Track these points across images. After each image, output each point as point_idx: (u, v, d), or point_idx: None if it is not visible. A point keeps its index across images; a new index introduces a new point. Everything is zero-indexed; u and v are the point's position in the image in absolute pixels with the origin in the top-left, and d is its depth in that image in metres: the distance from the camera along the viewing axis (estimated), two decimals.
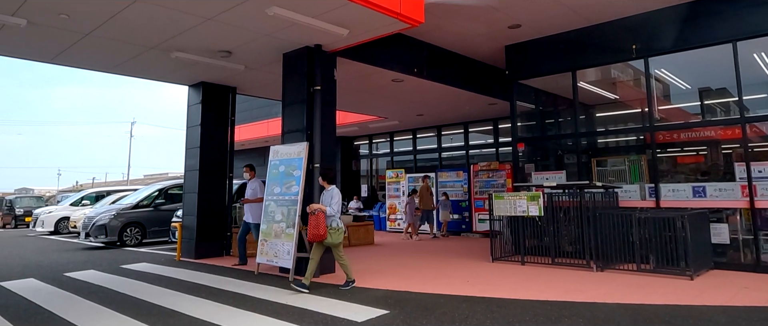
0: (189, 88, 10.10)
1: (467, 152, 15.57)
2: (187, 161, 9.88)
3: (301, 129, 7.48)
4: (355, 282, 6.42)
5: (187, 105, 10.08)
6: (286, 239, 6.97)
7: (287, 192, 7.19)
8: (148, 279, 7.29)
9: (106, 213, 12.27)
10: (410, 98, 11.80)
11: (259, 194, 8.36)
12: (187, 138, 9.96)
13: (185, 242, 9.43)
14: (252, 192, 8.56)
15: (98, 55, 7.85)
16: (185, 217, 9.66)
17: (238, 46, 7.64)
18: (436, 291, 6.00)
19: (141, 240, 12.39)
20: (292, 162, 7.30)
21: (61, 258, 10.27)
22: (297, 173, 7.14)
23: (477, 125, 15.41)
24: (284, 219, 7.10)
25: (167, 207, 12.89)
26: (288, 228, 6.99)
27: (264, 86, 10.13)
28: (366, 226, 11.80)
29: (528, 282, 6.53)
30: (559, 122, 10.73)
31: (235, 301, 5.70)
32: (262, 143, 19.84)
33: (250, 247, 8.60)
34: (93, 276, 7.66)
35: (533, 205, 7.89)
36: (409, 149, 17.14)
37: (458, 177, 14.11)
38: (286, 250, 6.91)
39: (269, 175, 7.64)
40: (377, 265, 8.26)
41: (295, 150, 7.34)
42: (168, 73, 9.14)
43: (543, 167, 10.12)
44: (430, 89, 10.69)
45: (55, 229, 17.23)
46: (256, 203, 8.34)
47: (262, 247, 7.31)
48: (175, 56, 7.81)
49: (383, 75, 9.51)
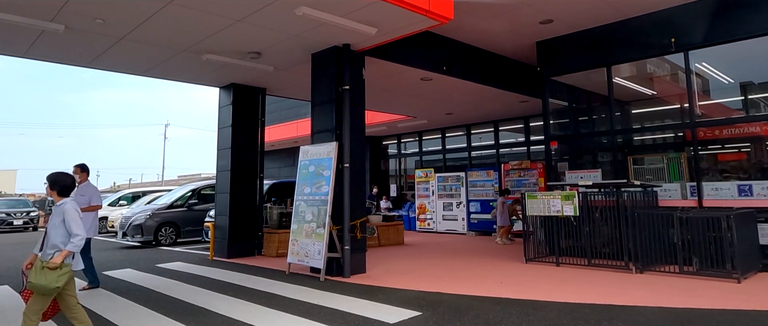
0: (220, 90, 10.24)
1: (497, 150, 15.33)
2: (218, 162, 10.02)
3: (330, 129, 7.47)
4: (385, 282, 6.36)
5: (218, 106, 10.23)
6: (317, 239, 6.97)
7: (317, 192, 7.19)
8: (182, 278, 7.41)
9: (141, 213, 12.58)
10: (439, 97, 11.68)
11: (94, 202, 6.69)
12: (219, 139, 10.11)
13: (218, 242, 9.57)
14: (86, 200, 6.59)
15: (132, 59, 8.03)
16: (217, 217, 9.81)
17: (268, 47, 7.69)
18: (469, 293, 5.89)
19: (175, 240, 12.66)
20: (321, 162, 7.30)
21: (100, 256, 10.57)
22: (327, 173, 7.13)
23: (507, 124, 15.15)
24: (314, 219, 7.10)
25: (200, 207, 13.12)
26: (318, 228, 6.99)
27: (293, 86, 10.19)
28: (396, 226, 11.75)
29: (564, 283, 6.34)
30: (593, 120, 10.43)
31: (267, 301, 5.73)
32: (291, 144, 20.02)
33: (282, 247, 8.66)
34: (130, 275, 7.84)
35: (568, 205, 7.67)
36: (438, 148, 16.99)
37: (489, 176, 13.89)
38: (317, 250, 6.91)
39: (299, 175, 7.66)
40: (408, 265, 8.19)
41: (324, 150, 7.34)
42: (199, 76, 9.29)
43: (577, 165, 9.84)
44: (459, 87, 10.55)
45: None
46: (89, 212, 6.55)
47: (293, 247, 7.33)
48: (206, 58, 7.92)
49: (411, 74, 9.42)
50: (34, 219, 20.93)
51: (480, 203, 13.91)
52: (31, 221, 20.82)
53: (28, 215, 20.85)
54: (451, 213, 14.56)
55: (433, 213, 14.87)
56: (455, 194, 14.55)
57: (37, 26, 6.26)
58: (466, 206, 14.22)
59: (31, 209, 21.37)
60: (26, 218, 20.78)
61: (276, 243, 9.43)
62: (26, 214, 20.86)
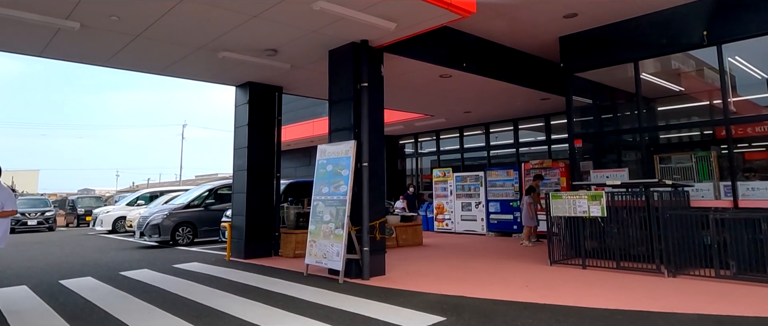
0: (236, 88, 10.14)
1: (517, 150, 15.01)
2: (235, 161, 9.92)
3: (348, 127, 7.29)
4: (405, 285, 6.16)
5: (234, 105, 10.13)
6: (335, 241, 6.80)
7: (335, 192, 7.02)
8: (199, 279, 7.30)
9: (158, 213, 12.57)
10: (458, 95, 11.43)
11: (7, 207, 5.86)
12: (235, 138, 10.01)
13: (234, 242, 9.47)
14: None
15: (148, 57, 7.96)
16: (234, 217, 9.70)
17: (284, 44, 7.54)
18: (494, 297, 5.65)
19: (192, 239, 12.62)
20: (339, 161, 7.13)
21: (117, 256, 10.56)
22: (345, 172, 6.96)
23: (527, 122, 14.82)
24: (333, 220, 6.93)
25: (217, 207, 13.07)
26: (337, 229, 6.81)
27: (310, 85, 10.04)
28: (414, 226, 11.53)
29: (593, 287, 6.06)
30: (618, 117, 10.10)
31: (284, 304, 5.57)
32: (307, 143, 19.93)
33: (299, 247, 8.51)
34: (147, 276, 7.76)
35: (595, 205, 7.38)
36: (456, 147, 16.72)
37: (508, 176, 13.59)
38: (336, 251, 6.74)
39: (317, 175, 7.50)
40: (429, 267, 7.97)
41: (342, 149, 7.16)
42: (216, 74, 9.19)
43: (601, 164, 9.52)
44: (479, 84, 10.29)
45: (113, 228, 17.92)
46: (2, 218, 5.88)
47: (311, 248, 7.17)
48: (222, 56, 7.80)
49: (430, 71, 9.20)
50: (49, 219, 20.59)
51: (500, 203, 13.62)
52: (46, 221, 20.46)
53: (43, 215, 20.50)
54: (470, 213, 14.29)
55: (451, 213, 14.62)
56: (474, 194, 14.28)
57: (53, 24, 6.19)
58: (485, 207, 13.93)
59: (47, 208, 21.05)
60: (41, 218, 20.43)
61: (293, 244, 9.29)
62: (41, 214, 20.51)
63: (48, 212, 20.84)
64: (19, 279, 7.78)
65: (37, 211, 20.61)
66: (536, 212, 10.90)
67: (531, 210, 10.90)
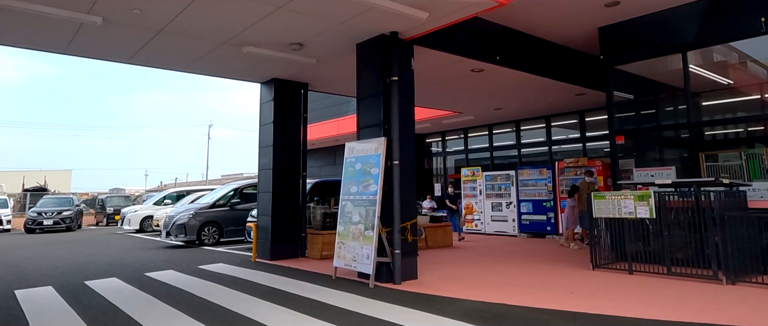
0: (261, 85, 9.92)
1: (550, 147, 14.43)
2: (260, 160, 9.70)
3: (377, 124, 6.95)
4: (439, 290, 5.79)
5: (259, 103, 9.91)
6: (365, 243, 6.47)
7: (365, 191, 6.68)
8: (224, 281, 7.07)
9: (184, 213, 12.47)
10: (490, 90, 10.97)
11: None
12: (260, 136, 9.78)
13: (260, 243, 9.24)
14: None
15: (172, 54, 7.78)
16: (260, 217, 9.48)
17: (310, 38, 7.25)
18: (537, 304, 5.23)
19: (218, 239, 12.49)
20: (369, 159, 6.79)
21: (143, 256, 10.47)
22: (375, 171, 6.62)
23: (560, 119, 14.23)
24: (362, 221, 6.60)
25: (242, 207, 12.92)
26: (367, 231, 6.48)
27: (336, 81, 9.75)
28: (443, 227, 11.13)
29: (645, 295, 5.57)
30: (662, 112, 9.50)
31: (312, 309, 5.26)
32: (332, 142, 19.71)
33: (326, 249, 8.22)
34: (172, 277, 7.58)
35: (642, 206, 6.86)
36: (485, 145, 16.22)
37: (541, 175, 13.05)
38: (365, 254, 6.41)
39: (345, 173, 7.18)
40: (462, 271, 7.57)
41: (371, 146, 6.82)
42: (240, 71, 8.98)
43: (642, 162, 8.96)
44: (512, 78, 9.82)
45: (141, 227, 18.02)
46: None
47: (340, 250, 6.85)
48: (247, 51, 7.56)
49: (462, 65, 8.79)
50: (66, 219, 19.75)
51: (532, 203, 13.09)
52: (62, 221, 19.60)
53: (59, 215, 19.68)
54: (501, 214, 13.80)
55: (480, 214, 14.15)
56: (505, 194, 13.79)
57: (76, 19, 6.03)
58: (516, 207, 13.43)
59: (65, 208, 20.30)
60: (57, 217, 19.58)
61: (320, 245, 9.00)
62: (57, 213, 19.69)
63: (65, 211, 20.08)
64: (46, 279, 7.70)
65: (54, 211, 19.86)
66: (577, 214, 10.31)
67: (573, 213, 10.27)
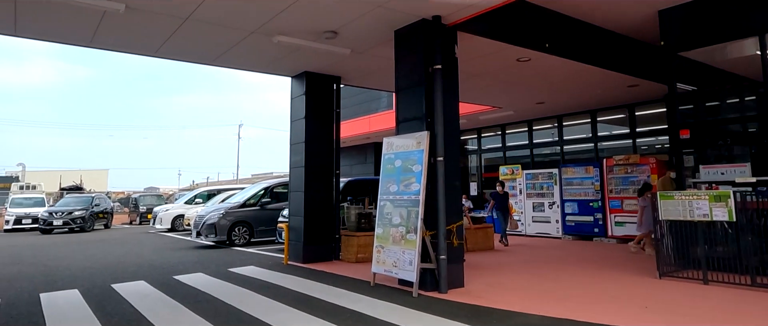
0: (292, 79, 9.46)
1: (595, 144, 13.54)
2: (291, 157, 9.24)
3: (419, 117, 6.36)
4: (491, 301, 5.17)
5: (290, 97, 9.45)
6: (407, 247, 5.89)
7: (406, 191, 6.11)
8: (255, 286, 6.62)
9: (214, 213, 12.17)
10: (534, 82, 10.23)
11: None
12: (292, 133, 9.32)
13: (292, 245, 8.77)
14: None
15: (199, 45, 7.38)
16: (291, 217, 9.02)
17: (345, 25, 6.72)
18: (610, 322, 4.55)
19: (249, 239, 12.14)
20: (410, 156, 6.21)
21: (173, 257, 10.17)
22: (417, 168, 6.03)
23: (607, 113, 13.33)
24: (403, 223, 6.02)
25: (273, 206, 12.54)
26: (409, 234, 5.90)
27: (370, 74, 9.21)
28: (485, 229, 10.46)
29: (737, 312, 4.82)
30: (731, 104, 8.60)
31: (353, 322, 4.72)
32: (362, 140, 19.23)
33: (362, 251, 7.68)
34: (200, 281, 7.18)
35: (719, 207, 6.07)
36: (524, 142, 15.42)
37: (588, 173, 12.21)
38: (408, 260, 5.83)
39: (383, 171, 6.62)
40: (511, 278, 6.92)
41: (412, 142, 6.24)
42: (270, 63, 8.53)
43: (709, 159, 8.09)
44: (561, 69, 9.09)
45: (172, 226, 17.92)
46: None
47: (379, 255, 6.30)
48: (278, 41, 7.09)
49: (507, 54, 8.12)
50: (77, 219, 18.64)
51: (577, 203, 12.27)
52: (72, 221, 18.49)
53: (69, 216, 18.56)
54: (543, 215, 13.02)
55: (520, 215, 13.39)
56: (547, 194, 13.00)
57: (98, 6, 5.65)
58: (560, 207, 12.62)
59: (77, 208, 19.24)
60: (67, 218, 18.45)
61: (355, 247, 8.48)
62: (67, 214, 18.59)
63: (77, 211, 18.98)
64: (73, 282, 7.42)
65: (64, 211, 18.81)
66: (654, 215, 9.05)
67: (646, 214, 8.92)
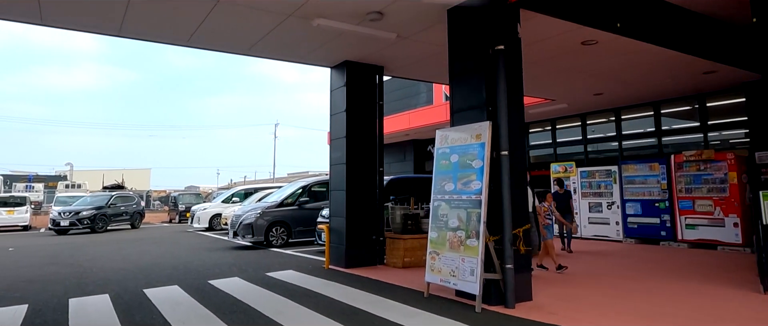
0: (331, 70, 8.83)
1: (659, 139, 12.36)
2: (332, 154, 8.62)
3: (478, 105, 5.59)
4: (571, 319, 4.36)
5: (329, 90, 8.83)
6: (467, 254, 5.14)
7: (465, 190, 5.35)
8: (295, 295, 6.01)
9: (251, 212, 11.73)
10: (597, 70, 9.25)
11: None
12: (332, 127, 8.70)
13: (334, 248, 8.14)
14: None
15: (233, 32, 6.83)
16: (332, 218, 8.39)
17: (392, 4, 6.02)
18: None
19: (287, 240, 11.64)
20: (468, 150, 5.45)
21: (209, 259, 9.74)
22: (478, 163, 5.27)
23: (672, 105, 12.13)
24: (462, 226, 5.27)
25: (311, 206, 12.00)
26: (469, 239, 5.15)
27: (416, 62, 8.48)
28: None
29: None
30: None
31: None
32: (402, 137, 18.53)
33: (408, 255, 6.97)
34: (236, 287, 6.64)
35: None
36: (577, 138, 14.34)
37: (652, 171, 11.11)
38: (469, 269, 5.07)
39: (437, 167, 5.88)
40: (582, 289, 6.06)
41: (470, 134, 5.48)
42: (308, 52, 7.92)
43: None
44: (629, 53, 8.11)
45: (210, 225, 17.71)
46: None
47: (433, 262, 5.56)
48: (317, 24, 6.45)
49: (572, 36, 7.23)
50: (84, 220, 17.64)
51: (640, 203, 11.18)
52: (79, 222, 17.53)
53: (76, 216, 17.57)
54: (600, 216, 11.98)
55: (575, 215, 12.35)
56: (605, 193, 11.95)
57: None
58: (620, 208, 11.56)
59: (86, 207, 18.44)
60: (73, 218, 17.47)
61: (401, 251, 7.78)
62: (74, 214, 17.62)
63: (86, 211, 18.01)
64: (105, 285, 7.02)
65: (72, 211, 17.91)
66: None
67: None
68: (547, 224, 7.79)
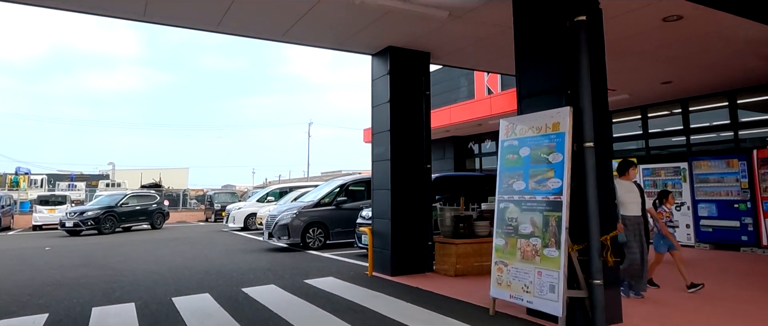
0: (372, 58, 8.08)
1: (736, 133, 11.06)
2: (374, 149, 7.87)
3: (553, 89, 4.72)
4: None
5: (371, 79, 8.08)
6: (545, 266, 4.27)
7: (540, 189, 4.49)
8: (338, 308, 5.28)
9: (287, 212, 11.12)
10: (672, 53, 8.15)
11: None
12: (374, 120, 7.94)
13: (378, 253, 7.38)
14: None
15: (266, 14, 6.16)
16: (376, 220, 7.63)
17: None
18: None
19: (324, 242, 10.98)
20: (542, 141, 4.58)
21: (243, 262, 9.17)
22: (557, 158, 4.40)
23: (751, 94, 10.82)
24: (538, 232, 4.40)
25: (349, 206, 11.32)
26: (547, 248, 4.28)
27: (467, 47, 7.62)
28: None
29: None
30: None
31: None
32: (441, 134, 17.66)
33: (461, 262, 6.12)
34: (273, 297, 5.97)
35: None
36: (638, 132, 13.12)
37: (730, 168, 9.89)
38: (547, 284, 4.21)
39: (503, 162, 5.03)
40: (681, 308, 5.10)
41: (546, 122, 4.61)
42: (349, 36, 7.19)
43: None
44: (716, 31, 7.03)
45: (245, 225, 17.32)
46: None
47: (501, 274, 4.71)
48: (360, 1, 5.69)
49: (653, 10, 6.23)
50: (88, 221, 16.69)
51: (716, 204, 9.99)
52: (83, 223, 16.57)
53: (80, 216, 16.73)
54: None
55: None
56: (674, 193, 10.73)
57: None
58: (691, 209, 10.38)
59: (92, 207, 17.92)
60: (77, 219, 16.61)
61: (453, 257, 6.95)
62: (79, 214, 16.80)
63: (91, 212, 17.09)
64: (133, 291, 6.49)
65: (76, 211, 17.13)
66: None
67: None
68: (668, 232, 6.20)
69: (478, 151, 18.25)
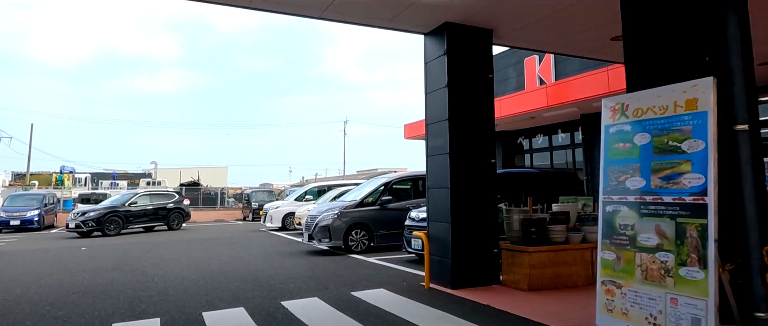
0: (425, 37, 7.07)
1: None
2: (429, 142, 6.86)
3: (683, 55, 3.60)
4: None
5: (424, 62, 7.08)
6: (682, 291, 3.18)
7: (669, 188, 3.39)
8: None
9: (328, 213, 10.28)
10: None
11: None
12: (428, 109, 6.94)
13: (435, 261, 6.38)
14: None
15: None
16: (432, 223, 6.63)
17: None
18: None
19: (369, 244, 10.08)
20: (672, 124, 3.48)
21: (282, 268, 8.37)
22: (693, 145, 3.29)
23: None
24: (669, 245, 3.31)
25: (394, 206, 10.38)
26: (683, 267, 3.19)
27: (541, 22, 6.51)
28: None
29: None
30: None
31: None
32: None
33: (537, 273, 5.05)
34: (316, 314, 5.09)
35: None
36: None
37: None
38: (688, 317, 3.12)
39: (608, 152, 3.94)
40: None
41: (676, 97, 3.50)
42: (398, 12, 6.20)
43: None
44: None
45: (282, 225, 16.68)
46: None
47: (611, 298, 3.64)
48: None
49: None
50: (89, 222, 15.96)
51: None
52: (83, 223, 15.87)
53: (81, 216, 16.15)
54: None
55: None
56: None
57: None
58: None
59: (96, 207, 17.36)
60: (78, 219, 16.02)
61: (525, 268, 5.88)
62: (81, 215, 16.25)
63: (93, 212, 16.41)
64: (161, 302, 5.75)
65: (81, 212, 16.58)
66: None
67: None
68: None
69: (528, 147, 16.99)
